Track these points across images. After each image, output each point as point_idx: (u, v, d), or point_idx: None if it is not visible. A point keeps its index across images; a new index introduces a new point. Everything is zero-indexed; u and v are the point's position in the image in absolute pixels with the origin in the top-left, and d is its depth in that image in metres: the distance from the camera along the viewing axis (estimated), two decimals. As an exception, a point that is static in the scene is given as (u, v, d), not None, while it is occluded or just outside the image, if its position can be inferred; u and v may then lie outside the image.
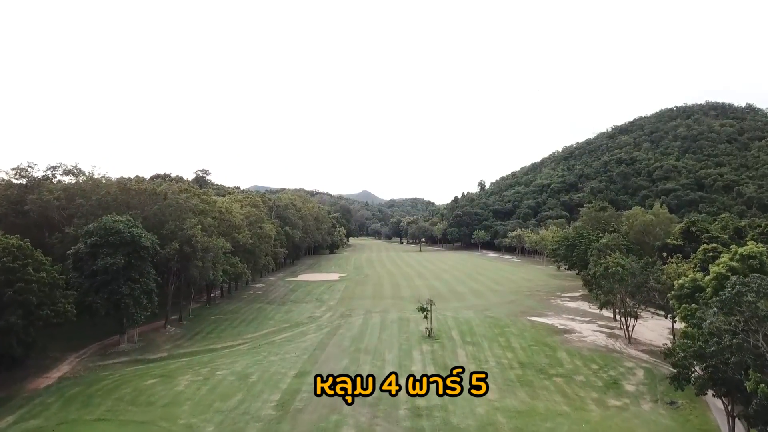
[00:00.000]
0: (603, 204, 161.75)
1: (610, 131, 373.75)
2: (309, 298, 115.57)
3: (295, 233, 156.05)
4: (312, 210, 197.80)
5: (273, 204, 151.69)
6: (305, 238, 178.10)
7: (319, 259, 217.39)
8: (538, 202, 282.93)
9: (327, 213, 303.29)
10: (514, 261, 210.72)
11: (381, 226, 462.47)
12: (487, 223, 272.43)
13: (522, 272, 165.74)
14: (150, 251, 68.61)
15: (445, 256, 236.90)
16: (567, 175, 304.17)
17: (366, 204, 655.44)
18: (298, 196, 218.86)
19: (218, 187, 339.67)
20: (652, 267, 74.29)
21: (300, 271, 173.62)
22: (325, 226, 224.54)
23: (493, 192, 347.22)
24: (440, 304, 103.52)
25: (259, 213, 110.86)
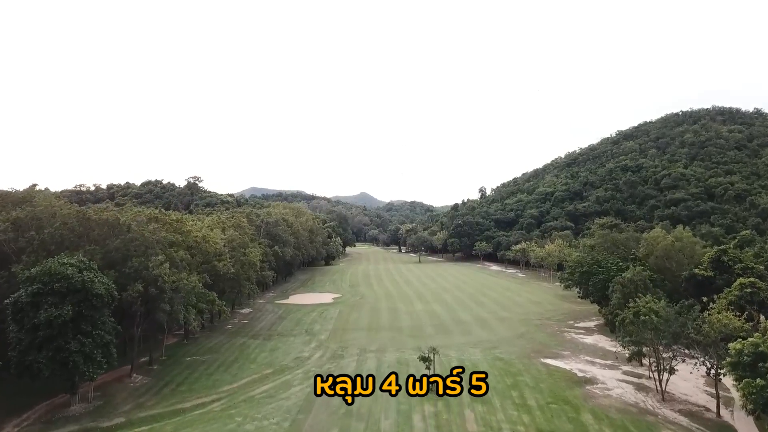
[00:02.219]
0: (615, 221, 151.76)
1: (614, 137, 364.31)
2: (298, 329, 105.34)
3: (286, 252, 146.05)
4: (305, 224, 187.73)
5: (261, 221, 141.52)
6: (297, 255, 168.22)
7: (313, 274, 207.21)
8: (542, 211, 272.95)
9: (323, 222, 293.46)
10: (519, 276, 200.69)
11: (379, 232, 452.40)
12: (488, 233, 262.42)
13: (528, 292, 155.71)
14: (105, 299, 58.45)
15: (445, 270, 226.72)
16: (571, 183, 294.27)
17: (364, 208, 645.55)
18: (291, 208, 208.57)
19: (210, 194, 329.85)
20: (689, 312, 64.32)
21: (292, 289, 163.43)
22: (319, 239, 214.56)
23: (494, 199, 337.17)
24: (443, 339, 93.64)
25: (242, 237, 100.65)
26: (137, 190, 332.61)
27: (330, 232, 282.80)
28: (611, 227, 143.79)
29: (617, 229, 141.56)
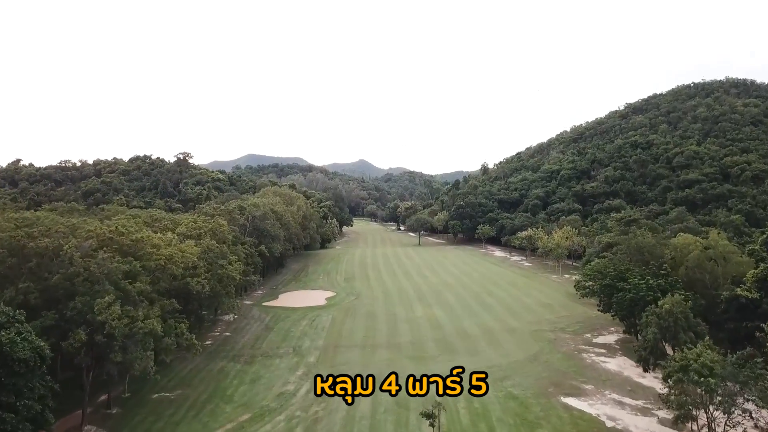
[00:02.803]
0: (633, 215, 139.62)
1: (622, 110, 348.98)
2: (285, 346, 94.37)
3: (275, 248, 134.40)
4: (297, 214, 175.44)
5: (247, 219, 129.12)
6: (289, 246, 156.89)
7: (307, 262, 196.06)
8: (547, 191, 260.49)
9: (318, 202, 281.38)
10: (524, 266, 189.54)
11: (377, 208, 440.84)
12: (492, 215, 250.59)
13: (537, 289, 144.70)
14: (31, 363, 46.94)
15: (446, 256, 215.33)
16: (578, 161, 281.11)
17: (362, 180, 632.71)
18: (282, 195, 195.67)
19: (200, 172, 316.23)
20: (747, 364, 53.12)
21: (282, 285, 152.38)
22: (313, 225, 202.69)
23: (497, 177, 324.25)
24: (447, 360, 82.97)
25: (221, 247, 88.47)
26: (125, 167, 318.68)
27: (326, 212, 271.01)
28: (629, 222, 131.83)
29: (636, 225, 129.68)
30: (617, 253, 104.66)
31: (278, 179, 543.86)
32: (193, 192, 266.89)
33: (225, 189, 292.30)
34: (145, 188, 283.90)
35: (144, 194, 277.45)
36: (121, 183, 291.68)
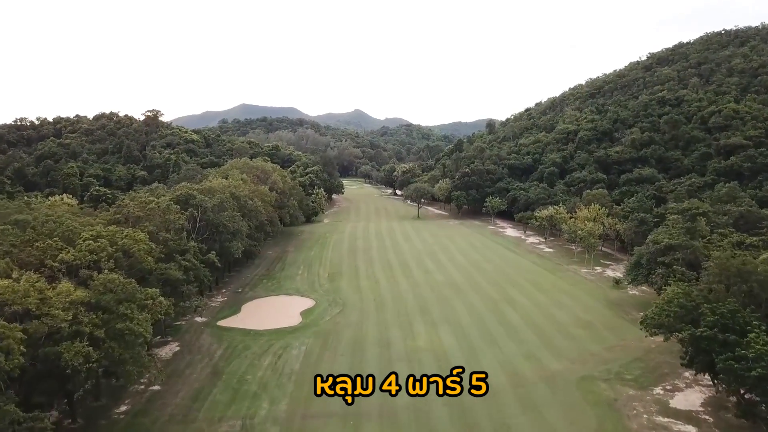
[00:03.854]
0: (695, 206, 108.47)
1: (645, 61, 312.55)
2: (232, 414, 65.64)
3: (234, 246, 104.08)
4: (269, 195, 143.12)
5: (194, 214, 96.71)
6: (259, 237, 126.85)
7: (286, 247, 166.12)
8: (565, 156, 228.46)
9: (304, 167, 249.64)
10: (544, 253, 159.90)
11: (372, 168, 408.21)
12: (501, 184, 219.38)
13: (567, 293, 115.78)
14: None
15: (452, 237, 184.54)
16: (598, 120, 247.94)
17: (356, 136, 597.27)
18: (252, 169, 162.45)
19: (171, 131, 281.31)
20: None
21: (250, 285, 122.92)
22: (293, 201, 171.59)
23: (505, 137, 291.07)
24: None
25: (127, 284, 57.17)
26: (88, 125, 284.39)
27: (312, 178, 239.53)
28: (694, 216, 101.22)
29: (706, 220, 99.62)
30: (704, 276, 74.44)
31: (266, 135, 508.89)
32: (161, 157, 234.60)
33: (199, 152, 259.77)
34: (107, 152, 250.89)
35: (106, 159, 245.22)
36: (82, 145, 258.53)
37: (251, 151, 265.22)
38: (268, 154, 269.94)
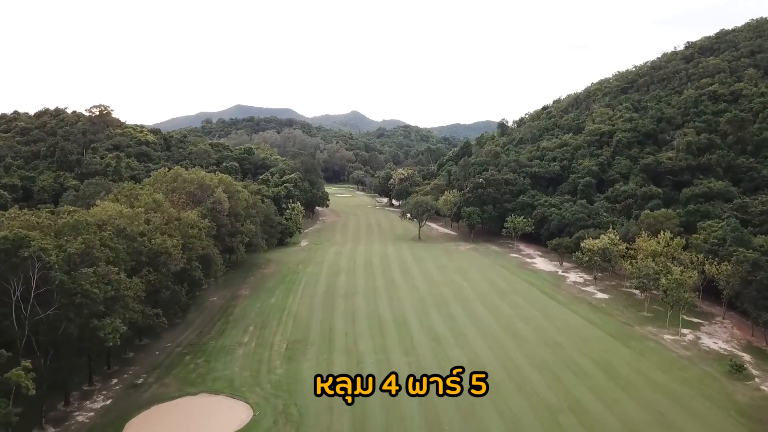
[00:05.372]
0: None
1: (683, 51, 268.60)
2: None
3: (109, 327, 58.51)
4: (196, 226, 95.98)
5: (35, 259, 51.14)
6: (176, 289, 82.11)
7: (240, 286, 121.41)
8: (601, 163, 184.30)
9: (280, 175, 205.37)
10: (599, 301, 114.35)
11: (365, 173, 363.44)
12: (525, 198, 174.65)
13: (658, 381, 71.29)
14: None
15: (466, 271, 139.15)
16: (637, 119, 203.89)
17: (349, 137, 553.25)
18: (189, 182, 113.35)
19: (122, 131, 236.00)
20: None
21: (164, 369, 78.40)
22: (251, 225, 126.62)
23: (522, 139, 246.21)
24: None
25: None
26: (26, 123, 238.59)
27: (289, 189, 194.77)
28: None
29: None
30: None
31: (249, 136, 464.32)
32: (101, 163, 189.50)
33: (154, 156, 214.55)
34: (39, 155, 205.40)
35: (36, 164, 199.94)
36: (12, 146, 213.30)
37: (216, 155, 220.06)
38: (238, 158, 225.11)
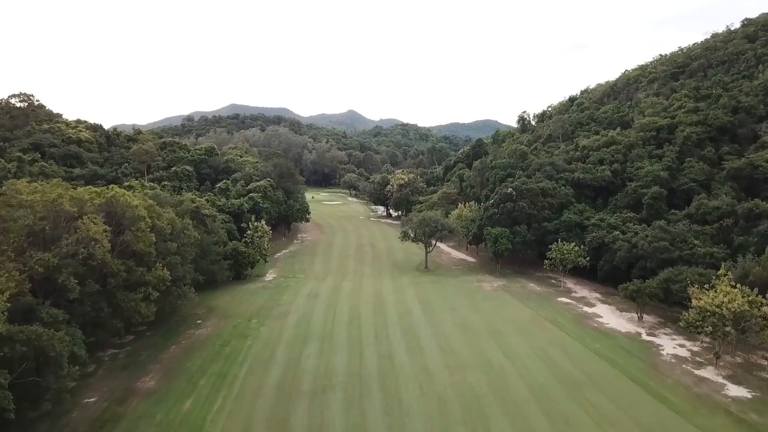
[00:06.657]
0: None
1: (743, 29, 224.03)
2: None
3: None
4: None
5: None
6: None
7: (146, 366, 75.99)
8: (669, 167, 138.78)
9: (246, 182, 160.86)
10: (742, 410, 68.55)
11: (359, 177, 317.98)
12: (570, 215, 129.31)
13: None
14: None
15: (499, 333, 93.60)
16: (704, 110, 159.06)
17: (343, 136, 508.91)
18: (30, 204, 70.41)
19: (49, 127, 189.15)
20: None
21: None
22: (188, 255, 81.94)
23: (551, 136, 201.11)
24: None
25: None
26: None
27: (256, 200, 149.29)
28: None
29: None
30: None
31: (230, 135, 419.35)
32: (3, 169, 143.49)
33: (85, 157, 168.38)
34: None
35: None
36: None
37: (170, 156, 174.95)
38: (194, 160, 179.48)
